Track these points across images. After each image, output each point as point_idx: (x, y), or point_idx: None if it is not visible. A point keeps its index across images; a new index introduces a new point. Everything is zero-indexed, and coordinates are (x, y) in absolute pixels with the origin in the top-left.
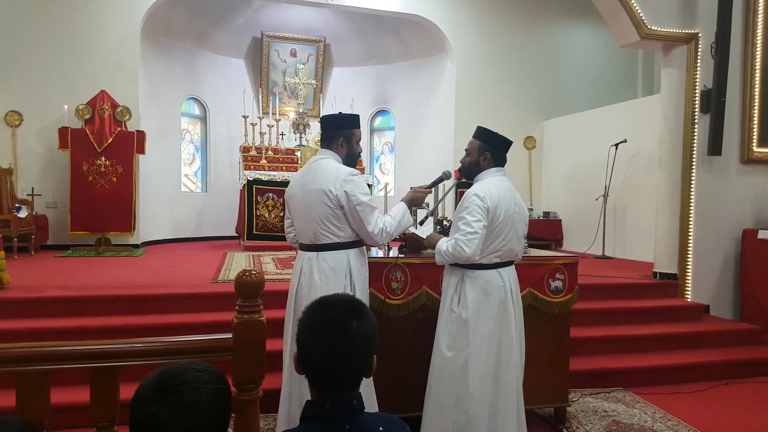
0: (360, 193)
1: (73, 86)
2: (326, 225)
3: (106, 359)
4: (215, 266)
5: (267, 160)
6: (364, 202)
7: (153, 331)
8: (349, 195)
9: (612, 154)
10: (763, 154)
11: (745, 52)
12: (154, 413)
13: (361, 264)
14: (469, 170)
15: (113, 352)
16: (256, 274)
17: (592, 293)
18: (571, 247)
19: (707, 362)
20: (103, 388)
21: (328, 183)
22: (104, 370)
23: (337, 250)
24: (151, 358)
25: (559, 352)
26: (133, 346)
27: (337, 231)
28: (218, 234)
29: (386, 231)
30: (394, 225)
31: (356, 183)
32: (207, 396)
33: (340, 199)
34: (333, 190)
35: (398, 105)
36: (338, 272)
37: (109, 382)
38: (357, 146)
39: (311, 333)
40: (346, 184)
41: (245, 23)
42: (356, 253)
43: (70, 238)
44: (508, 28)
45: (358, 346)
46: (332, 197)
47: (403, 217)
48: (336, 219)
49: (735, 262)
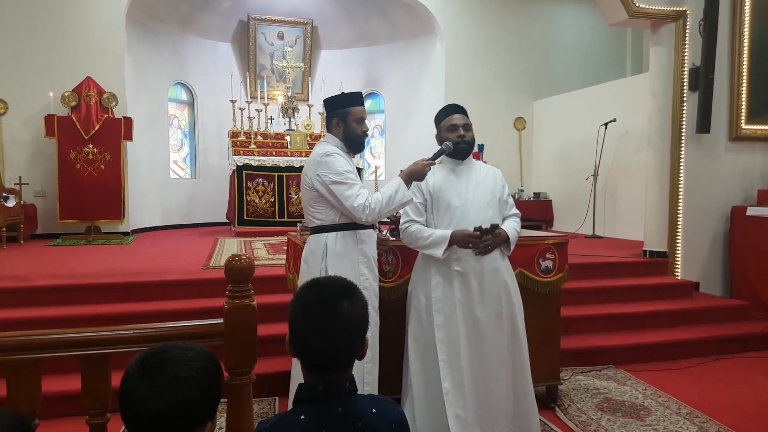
0: (332, 172)
1: (58, 73)
2: (308, 209)
3: (96, 347)
4: (206, 253)
5: (256, 145)
6: (337, 180)
7: (144, 319)
8: (321, 177)
9: (601, 133)
10: (751, 131)
11: (733, 29)
12: (135, 388)
13: (342, 247)
14: (472, 146)
15: (103, 339)
16: (246, 259)
17: (583, 272)
18: (562, 227)
19: (697, 339)
20: (94, 376)
21: (307, 167)
22: (95, 357)
23: (318, 233)
24: (142, 345)
25: (551, 331)
26: (124, 333)
27: (317, 214)
28: (209, 220)
29: (370, 207)
30: (381, 201)
31: (328, 163)
32: (190, 373)
33: (314, 182)
34: (309, 174)
35: (388, 87)
36: (316, 255)
37: (100, 369)
38: (357, 125)
39: (301, 313)
40: (319, 166)
41: (231, 6)
42: (336, 237)
43: (60, 227)
44: (497, 9)
45: (348, 326)
46: (308, 181)
47: (395, 192)
48: (315, 202)
49: (724, 239)
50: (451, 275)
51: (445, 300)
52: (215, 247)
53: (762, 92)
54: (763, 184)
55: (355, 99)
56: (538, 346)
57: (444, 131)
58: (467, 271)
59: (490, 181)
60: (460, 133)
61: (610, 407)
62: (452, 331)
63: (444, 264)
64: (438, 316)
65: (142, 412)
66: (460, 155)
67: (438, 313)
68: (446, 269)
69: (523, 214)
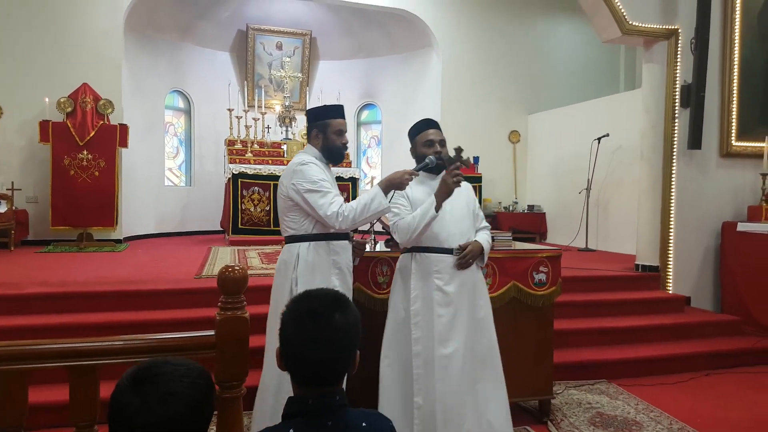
0: (306, 181)
1: (54, 79)
2: (283, 218)
3: (85, 358)
4: (199, 261)
5: (253, 153)
6: (310, 188)
7: (135, 328)
8: (296, 185)
9: (595, 147)
10: (741, 147)
11: (724, 47)
12: (127, 403)
13: (313, 257)
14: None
15: (92, 350)
16: (239, 270)
17: (576, 285)
18: (556, 239)
19: (689, 353)
20: (83, 387)
21: (283, 177)
22: (83, 368)
23: (292, 243)
24: (132, 356)
25: (544, 344)
26: (113, 344)
27: (291, 223)
28: (203, 228)
29: (343, 215)
30: (356, 209)
31: (303, 172)
32: (182, 389)
33: (289, 191)
34: (284, 183)
35: (385, 98)
36: (288, 265)
37: (89, 380)
38: (336, 137)
39: (293, 325)
40: (294, 175)
41: (230, 16)
42: (309, 247)
43: (52, 234)
44: (492, 24)
45: (341, 338)
46: (283, 190)
47: (371, 200)
48: (289, 211)
49: (715, 254)
50: (430, 289)
51: (424, 313)
52: (208, 256)
53: (752, 109)
54: (754, 200)
55: (335, 111)
56: (531, 360)
57: (420, 146)
58: (447, 284)
59: (463, 195)
60: (436, 149)
61: (602, 422)
62: (429, 345)
63: (423, 277)
64: (416, 330)
65: (133, 427)
66: (437, 170)
67: (416, 326)
68: (426, 283)
69: (517, 226)
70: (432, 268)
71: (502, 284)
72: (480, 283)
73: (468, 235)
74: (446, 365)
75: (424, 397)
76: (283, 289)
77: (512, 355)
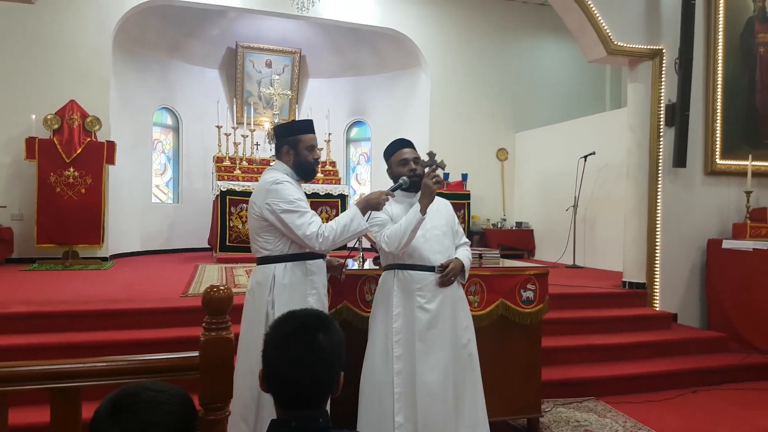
0: (282, 201)
1: (41, 96)
2: (255, 238)
3: (66, 379)
4: (186, 279)
5: (241, 170)
6: (287, 208)
7: (120, 348)
8: (271, 205)
9: (581, 165)
10: (725, 165)
11: (708, 67)
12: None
13: (290, 279)
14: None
15: (74, 371)
16: (224, 290)
17: (564, 303)
18: (543, 256)
19: (676, 370)
20: (64, 409)
21: (255, 195)
22: (65, 390)
23: (266, 264)
24: (114, 378)
25: (532, 362)
26: (95, 365)
27: (265, 244)
28: (190, 246)
29: (323, 236)
30: (335, 230)
31: (278, 191)
32: (162, 418)
33: (263, 211)
34: (257, 202)
35: (374, 116)
36: (263, 287)
37: (70, 402)
38: (308, 153)
39: (276, 345)
40: (269, 194)
41: (220, 34)
42: (285, 268)
43: (37, 251)
44: (480, 43)
45: (324, 359)
46: (256, 209)
47: (350, 221)
48: (263, 231)
49: (701, 271)
50: (412, 306)
51: (405, 331)
52: (195, 274)
53: (736, 128)
54: (738, 217)
55: (306, 126)
56: (519, 378)
57: (395, 166)
58: (429, 302)
59: (443, 212)
60: (411, 167)
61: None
62: (410, 363)
63: (405, 295)
64: (397, 348)
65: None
66: (413, 188)
67: (397, 344)
68: (407, 300)
69: (506, 243)
70: (414, 286)
71: (490, 302)
72: (461, 300)
73: (449, 252)
74: (427, 384)
75: (405, 415)
76: (257, 312)
77: (500, 373)
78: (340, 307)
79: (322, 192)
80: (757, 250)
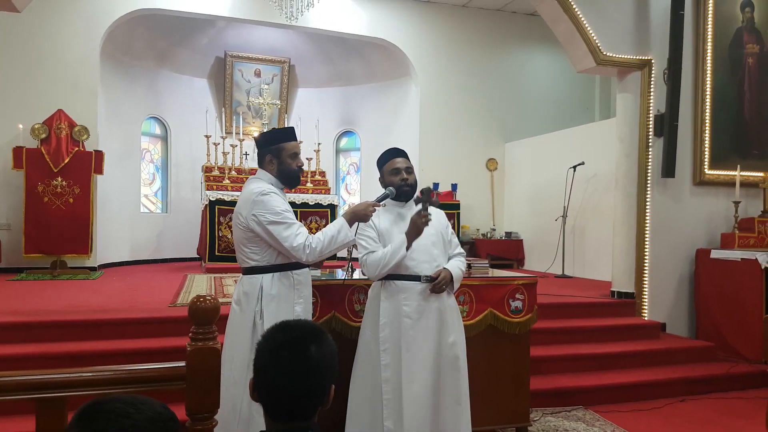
0: (268, 212)
1: (29, 105)
2: (241, 249)
3: (51, 389)
4: (174, 289)
5: (230, 180)
6: (274, 220)
7: (108, 358)
8: (258, 217)
9: (570, 175)
10: (714, 176)
11: (696, 77)
12: None
13: (277, 290)
14: (414, 188)
15: (59, 382)
16: (211, 300)
17: (552, 312)
18: (533, 266)
19: (664, 380)
20: (49, 420)
21: (240, 206)
22: (50, 400)
23: (253, 275)
24: (100, 388)
25: (520, 371)
26: (81, 375)
27: (252, 255)
28: (179, 256)
29: (311, 247)
30: (323, 241)
31: (264, 203)
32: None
33: (249, 222)
34: (243, 213)
35: (364, 126)
36: (251, 297)
37: (56, 412)
38: (292, 160)
39: (268, 355)
40: (255, 206)
41: (209, 43)
42: (273, 278)
43: (24, 261)
44: (470, 54)
45: (316, 371)
46: (242, 220)
47: (338, 232)
48: (249, 242)
49: (690, 281)
50: (399, 315)
51: (392, 340)
52: (184, 284)
53: (724, 139)
54: (727, 227)
55: (288, 134)
56: (508, 387)
57: (387, 175)
58: (414, 311)
59: (434, 222)
60: (402, 176)
61: None
62: (397, 371)
63: (392, 304)
64: (385, 356)
65: None
66: (403, 198)
67: (385, 353)
68: (395, 309)
69: (495, 253)
70: (400, 295)
71: (479, 312)
72: (450, 310)
73: (438, 261)
74: (412, 393)
75: (394, 421)
76: (244, 322)
77: (489, 383)
78: (329, 317)
79: (311, 202)
80: (745, 260)
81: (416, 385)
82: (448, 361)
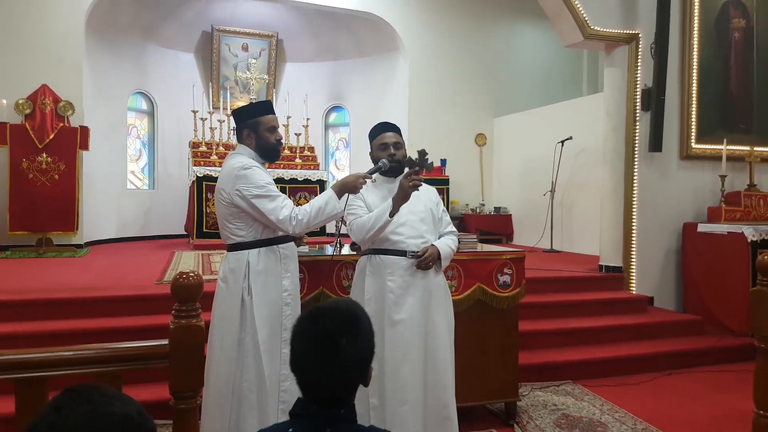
0: (253, 186)
1: (12, 80)
2: (225, 225)
3: (32, 369)
4: (161, 266)
5: (217, 155)
6: (258, 194)
7: (94, 336)
8: (242, 191)
9: (558, 150)
10: (701, 150)
11: (683, 52)
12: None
13: (264, 265)
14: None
15: (40, 361)
16: (194, 277)
17: (541, 287)
18: (522, 241)
19: (652, 353)
20: (30, 400)
21: (222, 181)
22: (31, 380)
23: (239, 251)
24: (82, 367)
25: (509, 346)
26: (63, 354)
27: (237, 230)
28: (166, 233)
29: (297, 219)
30: (309, 212)
31: (248, 176)
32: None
33: (233, 197)
34: (226, 189)
35: (353, 101)
36: (237, 274)
37: (37, 392)
38: (270, 134)
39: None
40: (238, 180)
41: (195, 17)
42: (259, 253)
43: (9, 239)
44: (458, 28)
45: (347, 365)
46: (225, 196)
47: (325, 204)
48: (233, 218)
49: (677, 255)
50: (383, 290)
51: (376, 315)
52: (171, 261)
53: (711, 113)
54: (713, 201)
55: (265, 108)
56: (496, 362)
57: (375, 149)
58: (399, 286)
59: (423, 198)
60: (390, 152)
61: (567, 423)
62: (380, 347)
63: (377, 280)
64: None
65: None
66: (391, 173)
67: None
68: (379, 284)
69: (484, 228)
70: (385, 270)
71: (467, 287)
72: (437, 288)
73: (425, 238)
74: (393, 369)
75: (379, 397)
76: (232, 300)
77: (478, 358)
78: (318, 293)
79: (300, 177)
80: (731, 233)
81: (400, 361)
82: (433, 339)
